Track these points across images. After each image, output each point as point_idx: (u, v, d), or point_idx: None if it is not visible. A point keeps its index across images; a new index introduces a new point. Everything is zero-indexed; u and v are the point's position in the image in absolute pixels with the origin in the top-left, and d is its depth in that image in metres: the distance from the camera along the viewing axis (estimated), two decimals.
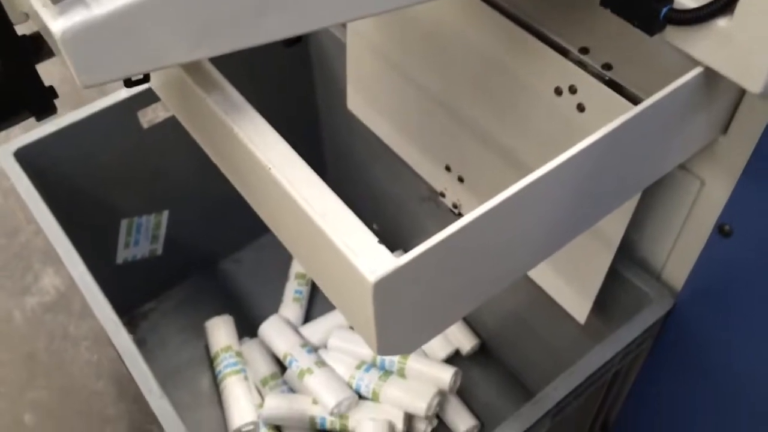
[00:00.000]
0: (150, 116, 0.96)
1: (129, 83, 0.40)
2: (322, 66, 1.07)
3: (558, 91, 0.66)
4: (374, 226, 1.18)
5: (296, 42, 0.44)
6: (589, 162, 0.47)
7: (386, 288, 0.38)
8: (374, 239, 0.39)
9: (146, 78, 0.40)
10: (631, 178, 0.55)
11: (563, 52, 0.65)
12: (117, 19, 0.36)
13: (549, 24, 0.66)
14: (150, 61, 0.39)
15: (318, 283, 0.47)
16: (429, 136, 0.87)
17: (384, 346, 0.43)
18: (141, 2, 0.37)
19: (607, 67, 0.63)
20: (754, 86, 0.46)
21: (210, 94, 0.49)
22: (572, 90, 0.65)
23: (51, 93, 0.45)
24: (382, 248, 0.38)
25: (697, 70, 0.49)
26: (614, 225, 0.66)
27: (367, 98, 0.94)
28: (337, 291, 0.44)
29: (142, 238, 1.06)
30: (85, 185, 0.95)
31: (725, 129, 0.57)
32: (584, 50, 0.65)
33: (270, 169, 0.44)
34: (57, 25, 0.35)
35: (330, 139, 1.18)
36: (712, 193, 0.61)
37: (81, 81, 0.37)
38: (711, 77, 0.50)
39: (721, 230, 0.61)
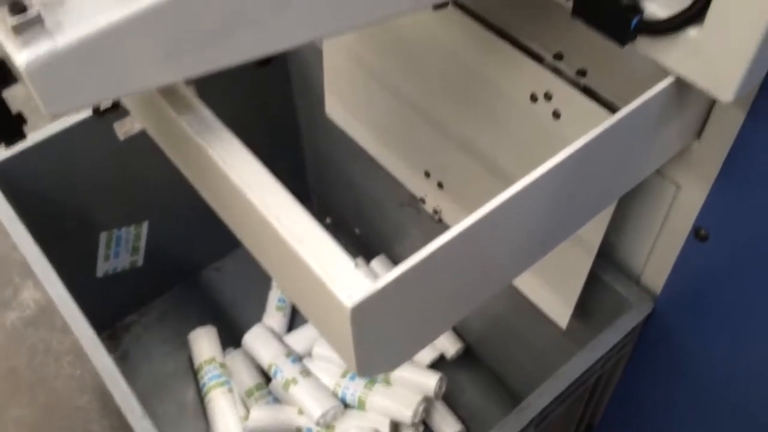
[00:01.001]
0: (126, 127, 0.95)
1: (97, 111, 0.40)
2: (300, 71, 1.07)
3: (533, 98, 0.66)
4: (356, 231, 1.18)
5: (268, 63, 0.44)
6: (569, 172, 0.47)
7: (364, 312, 0.38)
8: (351, 264, 0.39)
9: (115, 105, 0.40)
10: (609, 186, 0.55)
11: (538, 59, 0.65)
12: (82, 48, 0.36)
13: (523, 30, 0.66)
14: (117, 88, 0.39)
15: (296, 304, 0.47)
16: (407, 142, 0.87)
17: (364, 368, 0.43)
18: (105, 30, 0.36)
19: (582, 73, 0.63)
20: (725, 95, 0.46)
21: (182, 115, 0.48)
22: (547, 96, 0.65)
23: (19, 120, 0.44)
24: (359, 273, 0.38)
25: (668, 80, 0.49)
26: (593, 231, 0.66)
27: (345, 104, 0.94)
28: (316, 314, 0.43)
29: (122, 250, 1.05)
30: (63, 199, 0.94)
31: (699, 134, 0.58)
32: (559, 56, 0.65)
33: (245, 193, 0.43)
34: (21, 57, 0.35)
35: (310, 144, 1.17)
36: (687, 198, 0.61)
37: (48, 111, 0.37)
38: (683, 86, 0.50)
39: (697, 234, 0.62)
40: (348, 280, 0.38)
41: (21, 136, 0.45)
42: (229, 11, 0.40)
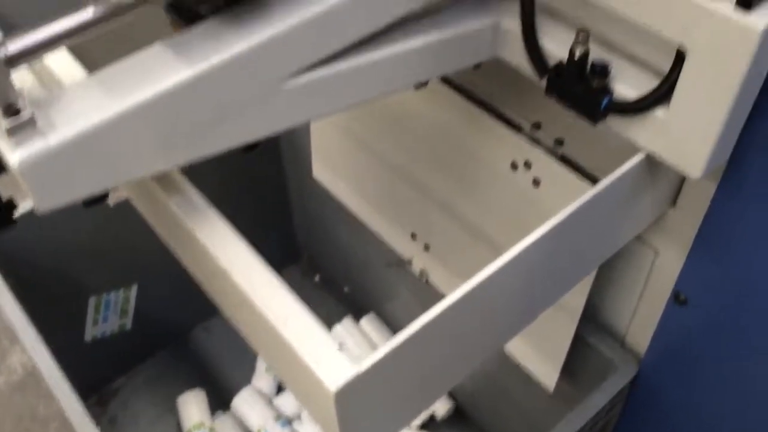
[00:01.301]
0: (116, 194, 0.96)
1: (87, 203, 0.41)
2: (288, 133, 1.09)
3: (514, 166, 0.68)
4: (345, 289, 1.19)
5: (254, 148, 0.46)
6: (551, 242, 0.48)
7: (348, 395, 0.39)
8: (335, 346, 0.40)
9: (105, 196, 0.41)
10: (590, 254, 0.57)
11: (517, 128, 0.68)
12: (72, 146, 0.37)
13: (503, 101, 0.69)
14: (107, 181, 0.40)
15: (282, 382, 0.47)
16: (393, 205, 0.88)
17: None
18: (95, 127, 0.38)
19: (559, 142, 0.66)
20: (693, 171, 0.48)
21: (171, 197, 0.49)
22: (527, 165, 0.67)
23: (9, 206, 0.46)
24: (343, 357, 0.39)
25: (639, 156, 0.51)
26: (576, 295, 0.67)
27: (332, 167, 0.96)
28: (301, 393, 0.44)
29: (110, 314, 1.05)
30: (52, 264, 0.95)
31: (674, 202, 0.59)
32: (537, 125, 0.67)
33: (230, 273, 0.44)
34: (14, 156, 0.36)
35: (299, 204, 1.19)
36: (666, 263, 0.63)
37: (40, 206, 0.38)
38: (654, 160, 0.52)
39: (677, 298, 0.63)
40: (332, 363, 0.39)
41: (11, 222, 0.46)
42: (218, 104, 0.42)
